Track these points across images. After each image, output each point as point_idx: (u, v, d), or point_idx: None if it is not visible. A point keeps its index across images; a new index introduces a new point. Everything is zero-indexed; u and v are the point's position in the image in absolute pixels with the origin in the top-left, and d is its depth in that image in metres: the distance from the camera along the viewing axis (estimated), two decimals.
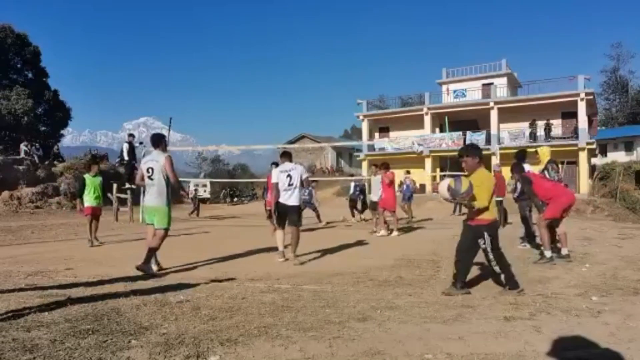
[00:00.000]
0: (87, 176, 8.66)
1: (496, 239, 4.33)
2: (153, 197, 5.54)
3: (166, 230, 5.59)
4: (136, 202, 13.68)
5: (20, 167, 18.05)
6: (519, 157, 7.54)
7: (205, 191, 29.43)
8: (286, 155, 6.86)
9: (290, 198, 6.38)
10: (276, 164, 10.75)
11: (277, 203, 6.43)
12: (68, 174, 18.87)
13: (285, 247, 6.52)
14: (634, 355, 2.65)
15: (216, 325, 3.17)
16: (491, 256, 4.29)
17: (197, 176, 36.41)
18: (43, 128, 28.56)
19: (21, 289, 4.30)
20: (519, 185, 7.52)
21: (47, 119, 28.85)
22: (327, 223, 12.73)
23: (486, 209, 4.26)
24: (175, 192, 5.87)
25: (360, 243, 8.78)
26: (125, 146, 13.75)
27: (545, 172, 6.94)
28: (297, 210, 6.47)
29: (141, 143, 14.88)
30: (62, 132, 31.55)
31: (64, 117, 29.93)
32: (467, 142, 25.52)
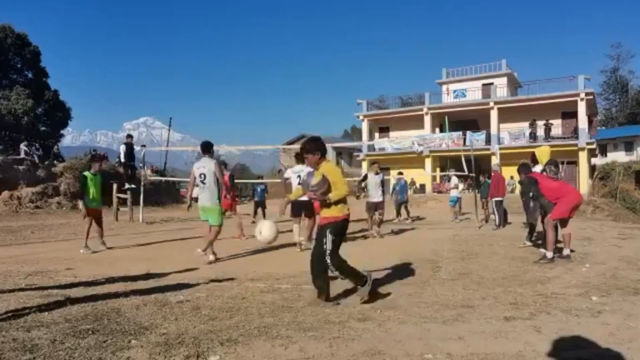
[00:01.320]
0: (87, 174, 7.80)
1: (339, 241, 3.92)
2: (207, 198, 6.36)
3: (220, 226, 6.42)
4: (136, 202, 13.67)
5: (20, 167, 18.04)
6: (532, 159, 7.57)
7: None
8: (299, 157, 7.64)
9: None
10: (225, 164, 10.41)
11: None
12: (68, 174, 18.86)
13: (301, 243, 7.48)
14: (634, 355, 2.65)
15: (216, 325, 3.17)
16: (329, 261, 3.81)
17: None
18: (43, 128, 28.56)
19: (21, 289, 4.30)
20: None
21: (47, 119, 28.84)
22: None
23: (340, 202, 3.88)
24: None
25: (360, 243, 8.78)
26: (123, 147, 13.75)
27: (544, 173, 6.89)
28: (308, 203, 7.32)
29: (143, 145, 14.85)
30: (62, 132, 31.55)
31: (64, 117, 29.92)
32: (467, 142, 25.52)
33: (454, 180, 15.31)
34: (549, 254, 5.94)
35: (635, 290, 4.32)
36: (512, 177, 23.08)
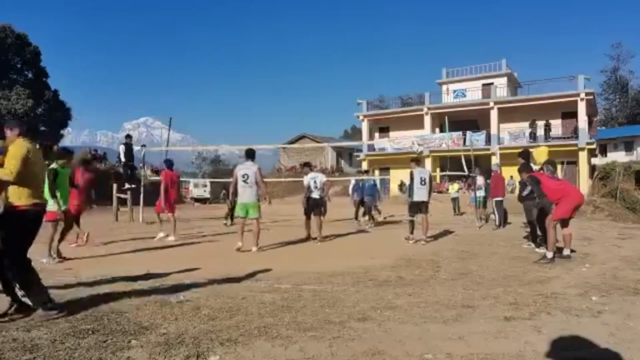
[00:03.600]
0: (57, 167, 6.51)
1: (20, 238, 3.27)
2: (249, 195, 7.28)
3: (259, 218, 7.43)
4: (136, 202, 13.67)
5: None
6: (524, 156, 7.56)
7: (205, 191, 29.49)
8: (307, 165, 9.58)
9: (315, 194, 8.76)
10: (170, 162, 9.79)
11: (309, 198, 8.77)
12: None
13: (315, 237, 8.59)
14: (634, 355, 2.65)
15: (216, 325, 3.17)
16: (7, 263, 3.19)
17: (197, 176, 36.41)
18: (43, 128, 28.56)
19: None
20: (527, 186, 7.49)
21: (47, 119, 28.83)
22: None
23: (26, 187, 3.29)
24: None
25: (360, 243, 8.78)
26: (122, 147, 13.74)
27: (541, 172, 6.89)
28: (321, 202, 8.89)
29: (143, 145, 14.83)
30: (62, 132, 31.54)
31: (64, 117, 29.92)
32: (467, 142, 25.54)
33: (480, 180, 14.76)
34: (549, 254, 5.93)
35: (635, 290, 4.32)
36: (512, 177, 23.06)
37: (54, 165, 6.50)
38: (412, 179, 8.27)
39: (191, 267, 5.75)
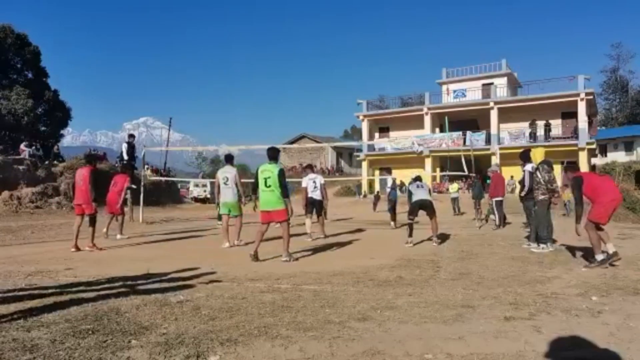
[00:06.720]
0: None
1: None
2: (229, 196, 8.01)
3: (240, 215, 8.16)
4: (136, 202, 13.67)
5: (20, 167, 18.04)
6: (525, 156, 7.59)
7: (205, 191, 29.55)
8: (309, 167, 10.45)
9: (316, 194, 9.30)
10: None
11: (308, 198, 9.23)
12: (68, 174, 18.85)
13: (312, 233, 9.07)
14: (634, 355, 2.65)
15: (216, 325, 3.17)
16: None
17: (197, 176, 36.43)
18: (43, 128, 28.53)
19: (21, 289, 4.30)
20: (526, 183, 7.51)
21: (47, 119, 28.80)
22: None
23: None
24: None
25: (360, 243, 8.78)
26: (125, 146, 13.74)
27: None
28: (321, 203, 9.46)
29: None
30: (62, 132, 31.51)
31: (64, 117, 29.89)
32: (467, 142, 25.54)
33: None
34: (599, 257, 5.56)
35: (635, 290, 4.32)
36: (512, 177, 23.07)
37: (280, 166, 6.68)
38: (410, 192, 8.35)
39: (191, 267, 5.75)
